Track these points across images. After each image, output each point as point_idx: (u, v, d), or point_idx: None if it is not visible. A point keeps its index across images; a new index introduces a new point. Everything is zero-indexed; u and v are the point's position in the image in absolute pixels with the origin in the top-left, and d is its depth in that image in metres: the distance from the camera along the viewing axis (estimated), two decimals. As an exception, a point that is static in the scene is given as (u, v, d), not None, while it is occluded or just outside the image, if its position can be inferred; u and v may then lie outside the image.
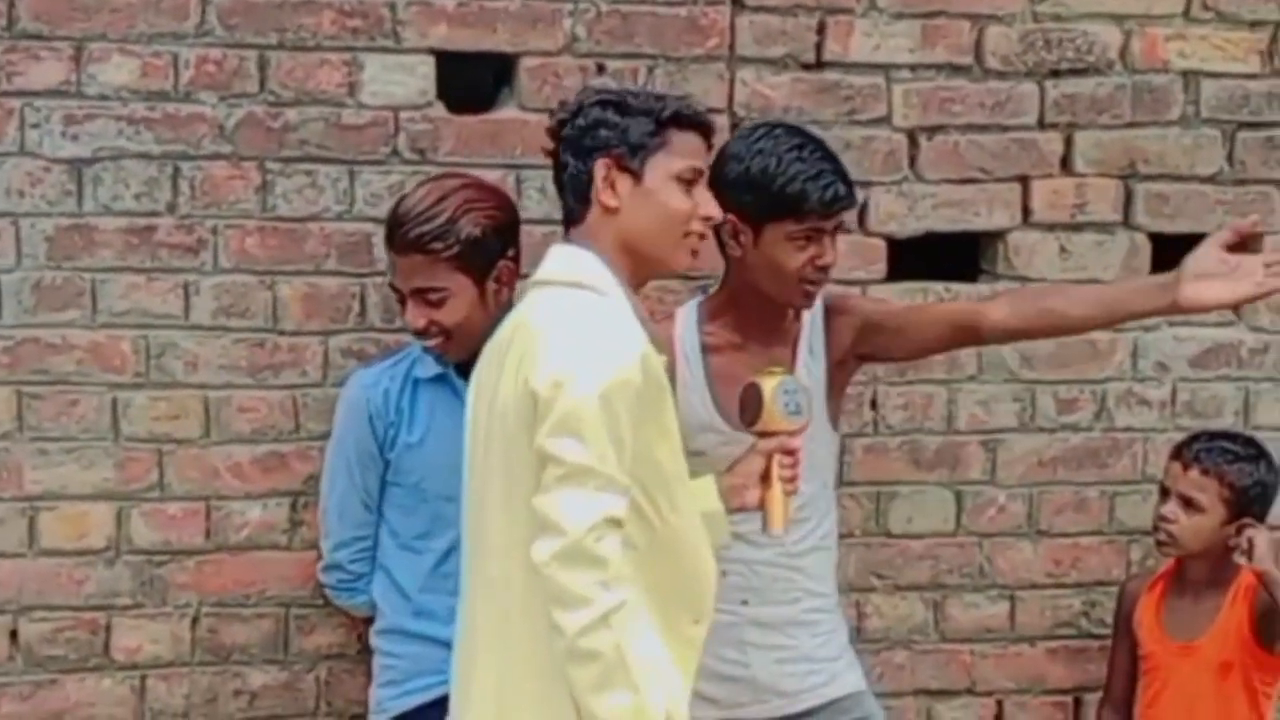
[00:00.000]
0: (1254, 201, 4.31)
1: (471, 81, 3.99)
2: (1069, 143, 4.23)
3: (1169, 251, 4.24)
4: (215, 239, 3.87)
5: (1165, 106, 4.26)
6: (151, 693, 3.93)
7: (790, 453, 3.34)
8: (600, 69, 3.97)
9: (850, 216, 4.04)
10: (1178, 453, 4.12)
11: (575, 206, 3.18)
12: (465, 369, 3.72)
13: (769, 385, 3.34)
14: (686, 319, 3.82)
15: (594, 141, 3.13)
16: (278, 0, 3.84)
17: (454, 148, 3.93)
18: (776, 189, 3.59)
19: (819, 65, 4.10)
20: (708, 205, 3.20)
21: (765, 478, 3.33)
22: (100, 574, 3.88)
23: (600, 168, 3.12)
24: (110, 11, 3.78)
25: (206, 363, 3.88)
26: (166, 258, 3.85)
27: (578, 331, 3.03)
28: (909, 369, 4.17)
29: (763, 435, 3.36)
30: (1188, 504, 4.04)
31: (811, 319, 3.80)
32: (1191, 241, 4.23)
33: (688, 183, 3.16)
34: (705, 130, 3.22)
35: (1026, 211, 4.22)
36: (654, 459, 3.07)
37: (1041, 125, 4.21)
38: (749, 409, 3.38)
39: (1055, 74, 4.20)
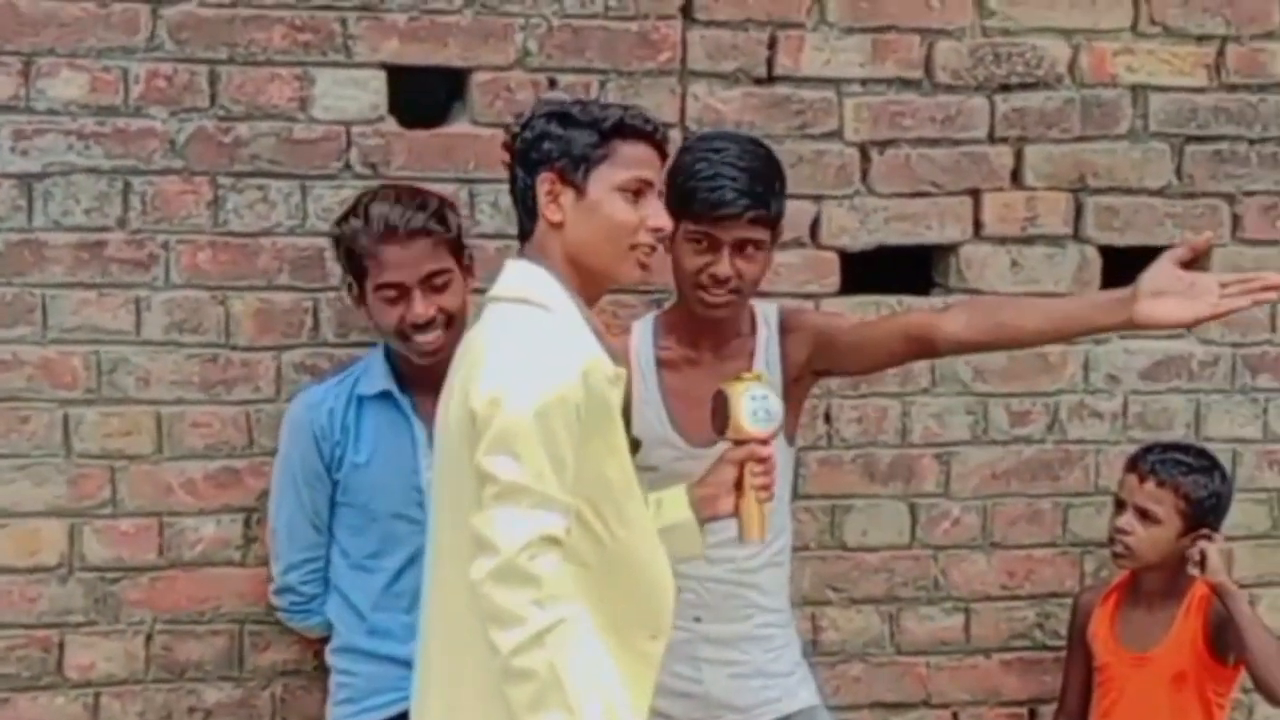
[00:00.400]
0: (1202, 215, 4.34)
1: (423, 96, 3.99)
2: (1019, 156, 4.25)
3: (1119, 264, 4.28)
4: (166, 254, 3.86)
5: (1114, 120, 4.29)
6: (105, 711, 3.91)
7: (762, 460, 3.31)
8: (552, 83, 3.98)
9: (800, 227, 4.09)
10: (1133, 465, 4.13)
11: (526, 220, 3.15)
12: (409, 386, 3.76)
13: (736, 392, 3.32)
14: (642, 333, 3.82)
15: (538, 155, 3.10)
16: (228, 15, 3.84)
17: (406, 162, 3.93)
18: (676, 185, 3.60)
19: (770, 79, 4.11)
20: (657, 217, 3.14)
21: (739, 486, 3.30)
22: (53, 591, 3.87)
23: (543, 181, 3.09)
24: (59, 26, 3.78)
25: (158, 378, 3.87)
26: (117, 273, 3.84)
27: (517, 349, 3.00)
28: (862, 383, 4.19)
29: (736, 444, 3.33)
30: (1144, 516, 4.06)
31: (767, 334, 3.81)
32: (1141, 254, 4.29)
33: (634, 193, 3.10)
34: (655, 140, 3.16)
35: (978, 225, 4.24)
36: (602, 475, 3.04)
37: (992, 139, 4.23)
38: (718, 416, 3.36)
39: (1005, 88, 4.23)
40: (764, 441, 3.32)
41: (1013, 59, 4.22)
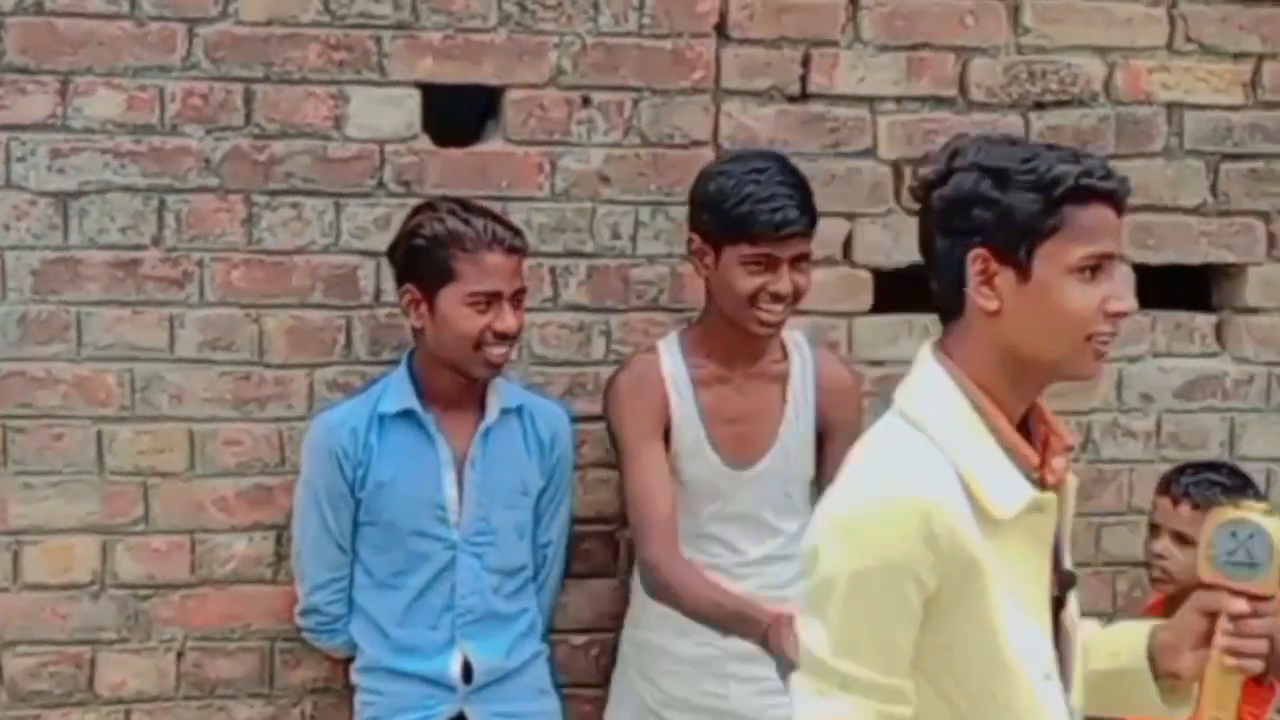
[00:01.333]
0: (1238, 233, 4.32)
1: (458, 114, 3.99)
2: (1054, 174, 4.24)
3: (1154, 282, 4.27)
4: (201, 272, 3.86)
5: (1149, 138, 4.27)
6: (136, 728, 3.92)
7: (1235, 618, 2.52)
8: (585, 101, 3.98)
9: (833, 245, 4.09)
10: (1166, 488, 4.10)
11: (947, 296, 2.53)
12: (432, 404, 3.78)
13: (1212, 522, 2.57)
14: (670, 350, 3.83)
15: (966, 223, 2.48)
16: (264, 34, 3.84)
17: (440, 180, 3.93)
18: (728, 209, 3.62)
19: (804, 97, 4.10)
20: (1119, 299, 2.49)
21: (1206, 642, 2.57)
22: (85, 608, 3.87)
23: (975, 259, 2.47)
24: (97, 45, 3.78)
25: (192, 396, 3.87)
26: (152, 291, 3.84)
27: (858, 488, 2.47)
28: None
29: (1204, 586, 2.58)
30: (1181, 540, 4.03)
31: (801, 363, 3.83)
32: (1176, 272, 4.29)
33: (1093, 270, 2.48)
34: (1115, 199, 2.51)
35: (1010, 243, 4.23)
36: (959, 651, 2.48)
37: (1026, 157, 4.22)
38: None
39: (1040, 106, 4.21)
40: (1238, 594, 2.53)
41: (1047, 77, 4.21)
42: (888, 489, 2.44)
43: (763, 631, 3.41)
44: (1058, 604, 2.56)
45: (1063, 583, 2.56)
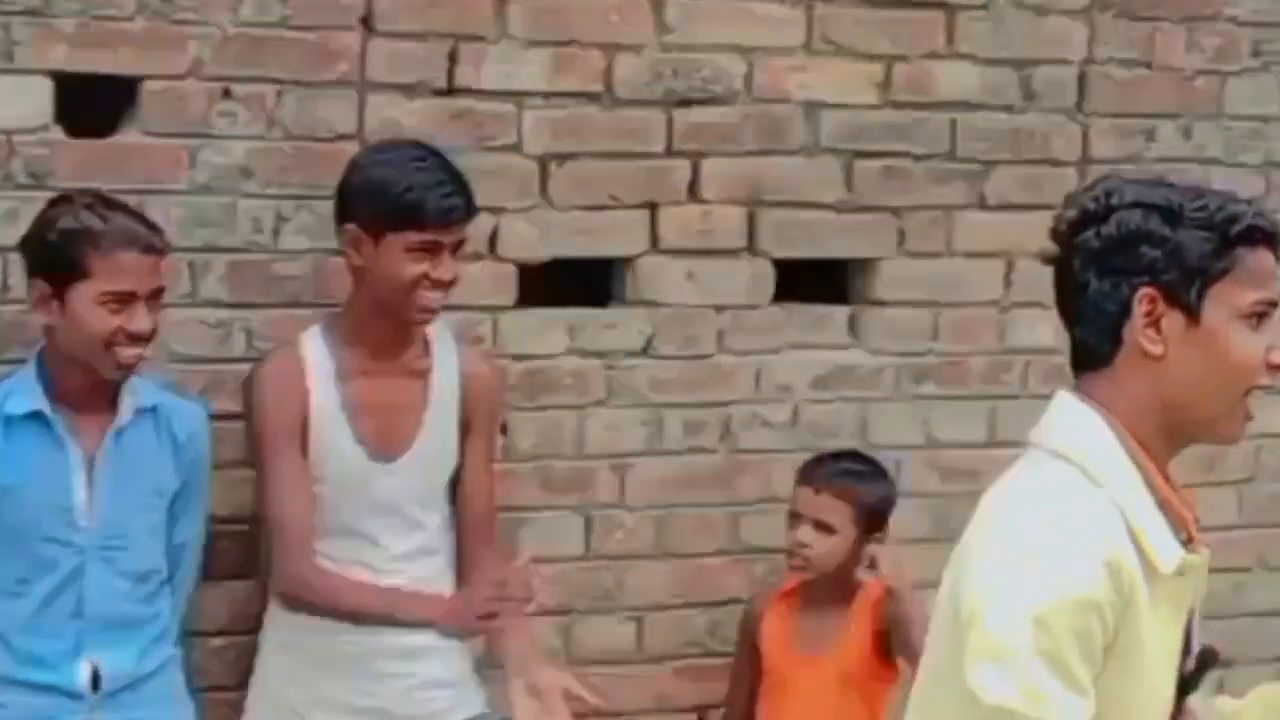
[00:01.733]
0: (871, 228, 4.43)
1: (97, 104, 3.86)
2: (696, 170, 4.29)
3: (792, 277, 4.36)
4: None
5: (788, 136, 4.35)
6: None
7: None
8: (227, 93, 3.88)
9: (479, 239, 4.07)
10: (806, 477, 4.19)
11: (1096, 342, 2.40)
12: (62, 405, 3.65)
13: None
14: (315, 342, 3.79)
15: (1132, 262, 2.35)
16: (-117, 17, 3.66)
17: (73, 172, 3.78)
18: (395, 197, 3.60)
19: (451, 91, 4.07)
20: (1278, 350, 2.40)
21: None
22: None
23: (1143, 299, 2.35)
24: None
25: None
26: None
27: (1031, 522, 2.32)
28: (540, 393, 4.19)
29: None
30: (822, 527, 4.12)
31: (445, 354, 3.84)
32: (813, 266, 4.39)
33: (1259, 317, 2.38)
34: (1276, 244, 2.43)
35: (655, 238, 4.27)
36: (1116, 709, 2.31)
37: (669, 153, 4.26)
38: None
39: (683, 103, 4.25)
40: None
41: (691, 75, 4.25)
42: (1069, 519, 2.30)
43: (438, 611, 3.50)
44: (1183, 684, 2.44)
45: (1201, 660, 2.45)
